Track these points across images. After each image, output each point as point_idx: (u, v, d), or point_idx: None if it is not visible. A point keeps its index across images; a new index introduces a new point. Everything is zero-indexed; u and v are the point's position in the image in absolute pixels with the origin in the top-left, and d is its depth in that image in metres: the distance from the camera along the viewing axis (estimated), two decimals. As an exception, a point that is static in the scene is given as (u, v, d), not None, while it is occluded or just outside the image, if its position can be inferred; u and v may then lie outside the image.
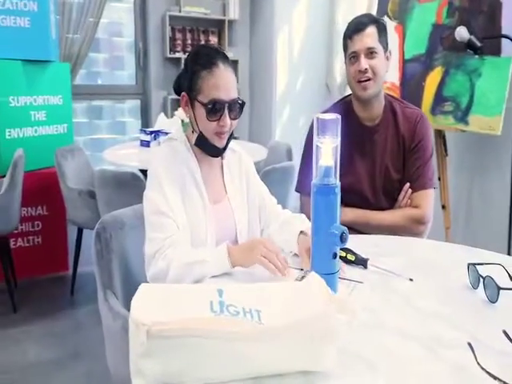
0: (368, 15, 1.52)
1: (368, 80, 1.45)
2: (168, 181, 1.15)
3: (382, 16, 2.58)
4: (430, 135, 1.59)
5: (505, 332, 0.82)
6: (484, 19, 2.18)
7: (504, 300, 0.94)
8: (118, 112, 4.33)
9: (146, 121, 4.28)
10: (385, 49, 1.47)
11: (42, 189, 2.81)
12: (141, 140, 2.96)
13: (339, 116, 0.91)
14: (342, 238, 0.91)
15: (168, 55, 4.08)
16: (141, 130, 3.04)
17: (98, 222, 1.26)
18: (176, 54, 4.11)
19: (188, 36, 4.18)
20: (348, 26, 1.48)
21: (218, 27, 4.30)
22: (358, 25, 1.44)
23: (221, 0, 4.27)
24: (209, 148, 1.20)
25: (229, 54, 1.23)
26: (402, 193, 1.53)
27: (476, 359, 0.74)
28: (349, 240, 0.92)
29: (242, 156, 1.33)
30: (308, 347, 0.67)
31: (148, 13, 4.09)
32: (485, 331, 0.84)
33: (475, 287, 1.01)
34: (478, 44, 2.13)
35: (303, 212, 1.54)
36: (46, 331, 2.27)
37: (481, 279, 0.99)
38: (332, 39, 4.11)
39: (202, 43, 4.17)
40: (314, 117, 0.92)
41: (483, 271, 1.00)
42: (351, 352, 0.77)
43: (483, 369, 0.71)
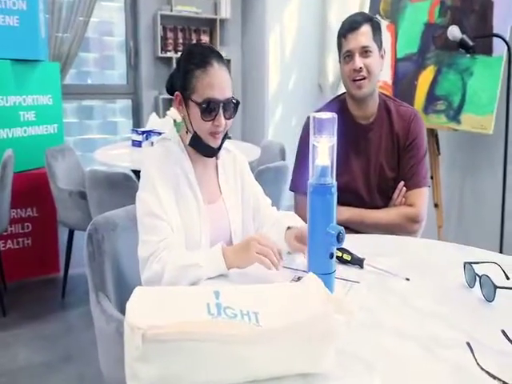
0: (362, 14, 1.52)
1: (363, 79, 1.44)
2: (161, 182, 1.13)
3: (374, 15, 2.58)
4: (424, 133, 1.59)
5: (503, 331, 0.82)
6: (476, 18, 2.19)
7: (500, 299, 0.94)
8: (109, 112, 4.30)
9: (138, 121, 4.25)
10: (379, 47, 1.47)
11: (32, 190, 2.77)
12: (132, 140, 2.93)
13: (335, 115, 0.91)
14: (339, 238, 0.90)
15: (159, 54, 4.06)
16: (132, 130, 3.01)
17: (90, 224, 1.24)
18: (167, 54, 4.09)
19: (179, 35, 4.16)
20: (342, 25, 1.48)
21: (210, 26, 4.29)
22: (353, 23, 1.43)
23: (212, -1, 4.26)
24: (203, 148, 1.18)
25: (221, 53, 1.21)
26: (397, 191, 1.53)
27: (475, 359, 0.74)
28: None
29: (237, 156, 1.32)
30: (307, 349, 0.66)
31: (139, 12, 4.06)
32: (483, 331, 0.84)
33: (471, 286, 1.01)
34: (470, 43, 2.14)
35: (298, 211, 1.54)
36: (37, 334, 2.24)
37: (477, 278, 0.99)
38: (324, 38, 4.12)
39: (196, 42, 4.14)
40: (311, 116, 0.91)
41: (479, 270, 1.00)
42: (349, 353, 0.76)
43: (483, 369, 0.71)
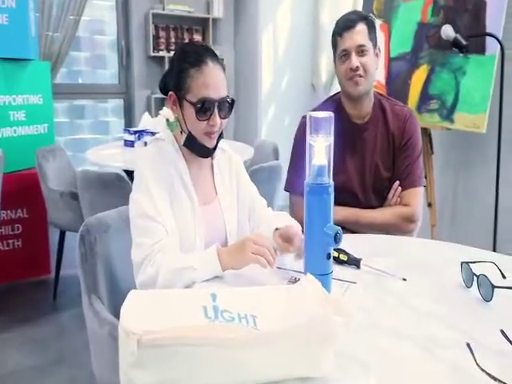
0: (357, 12, 1.51)
1: (359, 77, 1.43)
2: (155, 182, 1.11)
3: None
4: (419, 133, 1.59)
5: (502, 331, 0.82)
6: (469, 18, 2.19)
7: (498, 298, 0.93)
8: (101, 111, 4.25)
9: (130, 120, 4.22)
10: (374, 46, 1.46)
11: (22, 191, 2.73)
12: (125, 140, 2.90)
13: (332, 114, 0.89)
14: (336, 239, 0.89)
15: (151, 54, 4.02)
16: (125, 130, 2.98)
17: (82, 225, 1.22)
18: (159, 53, 4.06)
19: (172, 34, 4.13)
20: (337, 24, 1.46)
21: (202, 25, 4.26)
22: (348, 22, 1.42)
23: (204, -2, 4.24)
24: (198, 148, 1.16)
25: (215, 52, 1.19)
26: (392, 191, 1.52)
27: (475, 360, 0.73)
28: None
29: (232, 156, 1.30)
30: (306, 352, 0.65)
31: (131, 10, 4.02)
32: (481, 331, 0.83)
33: (468, 286, 1.01)
34: (464, 42, 2.15)
35: (293, 212, 1.53)
36: (28, 338, 2.20)
37: (474, 278, 0.98)
38: (317, 38, 4.11)
39: (190, 40, 4.11)
40: (307, 115, 0.90)
41: (475, 269, 1.00)
42: (348, 354, 0.75)
43: (483, 370, 0.70)
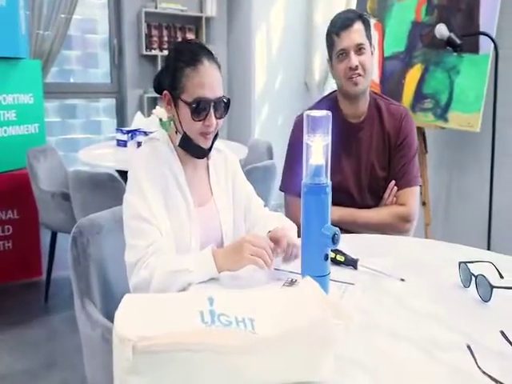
0: (353, 11, 1.49)
1: (359, 76, 1.42)
2: (149, 183, 1.09)
3: (362, 13, 2.58)
4: (415, 132, 1.58)
5: (502, 332, 0.81)
6: (462, 17, 2.20)
7: (496, 299, 0.92)
8: (93, 111, 4.21)
9: (122, 120, 4.18)
10: (370, 44, 1.45)
11: (13, 191, 2.69)
12: (117, 139, 2.87)
13: (330, 113, 0.88)
14: (334, 240, 0.88)
15: (144, 52, 3.99)
16: (117, 130, 2.94)
17: (75, 226, 1.20)
18: (152, 52, 4.03)
19: (164, 33, 4.10)
20: (333, 23, 1.44)
21: (195, 24, 4.24)
22: (345, 21, 1.40)
23: (197, -3, 4.21)
24: (193, 149, 1.14)
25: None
26: (388, 191, 1.52)
27: (476, 362, 0.72)
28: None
29: (228, 156, 1.28)
30: (305, 356, 0.64)
31: (123, 9, 3.98)
32: (481, 332, 0.82)
33: (467, 286, 1.00)
34: (458, 41, 2.15)
35: (289, 213, 1.51)
36: (19, 340, 2.16)
37: (472, 278, 0.97)
38: (310, 37, 4.10)
39: (185, 39, 4.08)
40: (304, 114, 0.88)
41: (473, 269, 0.99)
42: (347, 357, 0.74)
43: (484, 373, 0.69)
